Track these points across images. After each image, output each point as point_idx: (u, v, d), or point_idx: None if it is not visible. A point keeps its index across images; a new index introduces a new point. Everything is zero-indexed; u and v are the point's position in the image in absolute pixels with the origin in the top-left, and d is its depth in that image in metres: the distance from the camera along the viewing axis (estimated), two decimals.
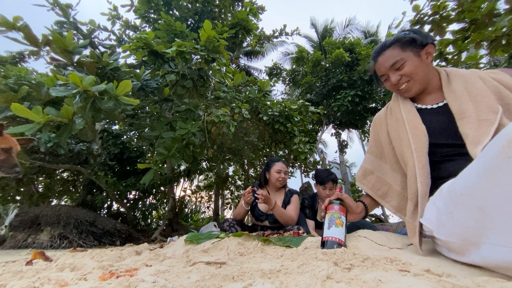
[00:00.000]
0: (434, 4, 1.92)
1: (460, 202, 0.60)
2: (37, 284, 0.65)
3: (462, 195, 0.59)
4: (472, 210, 0.56)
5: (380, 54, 0.95)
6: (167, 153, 2.40)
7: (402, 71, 0.90)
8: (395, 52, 0.90)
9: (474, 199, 0.55)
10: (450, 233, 0.65)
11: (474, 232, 0.57)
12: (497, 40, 1.80)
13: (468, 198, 0.57)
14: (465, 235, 0.60)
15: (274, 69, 10.23)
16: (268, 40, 7.16)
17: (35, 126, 1.60)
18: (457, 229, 0.62)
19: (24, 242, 3.06)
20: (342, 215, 0.93)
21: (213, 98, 3.21)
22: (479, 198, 0.54)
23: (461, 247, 0.62)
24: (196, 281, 0.66)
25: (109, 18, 4.33)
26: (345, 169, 9.07)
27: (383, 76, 0.97)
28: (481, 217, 0.54)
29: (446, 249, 0.70)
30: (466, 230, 0.59)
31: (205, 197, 7.95)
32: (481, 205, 0.53)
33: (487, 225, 0.53)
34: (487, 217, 0.53)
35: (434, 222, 0.71)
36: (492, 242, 0.53)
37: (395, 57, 0.90)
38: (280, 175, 2.00)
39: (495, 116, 0.74)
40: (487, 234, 0.54)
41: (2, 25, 1.95)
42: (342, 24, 11.92)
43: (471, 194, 0.56)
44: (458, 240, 0.62)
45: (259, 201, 1.68)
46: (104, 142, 4.71)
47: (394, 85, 0.93)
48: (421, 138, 0.82)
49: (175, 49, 2.34)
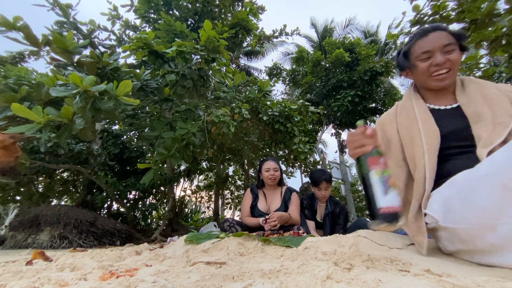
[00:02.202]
0: (434, 4, 1.92)
1: (482, 183, 0.61)
2: (37, 284, 0.65)
3: (487, 175, 0.60)
4: (496, 188, 0.57)
5: (434, 31, 0.89)
6: (167, 153, 2.40)
7: (450, 56, 0.85)
8: (450, 37, 0.87)
9: (501, 177, 0.57)
10: (461, 219, 0.65)
11: (493, 213, 0.58)
12: (497, 40, 1.80)
13: (494, 177, 0.58)
14: (481, 218, 0.60)
15: (274, 69, 10.23)
16: (268, 40, 7.15)
17: (35, 126, 1.60)
18: (472, 213, 0.62)
19: (24, 242, 3.06)
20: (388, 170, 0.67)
21: (213, 98, 3.21)
22: (506, 175, 0.55)
23: (472, 233, 0.63)
24: (196, 281, 0.66)
25: (109, 18, 4.32)
26: (345, 169, 9.07)
27: (426, 53, 0.88)
28: (504, 194, 0.55)
29: (450, 241, 0.70)
30: (484, 212, 0.60)
31: (205, 197, 7.95)
32: (507, 182, 0.55)
33: (510, 202, 0.55)
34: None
35: (441, 211, 0.72)
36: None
37: (449, 40, 0.86)
38: (270, 173, 2.04)
39: (510, 120, 0.75)
40: (509, 212, 0.55)
41: (2, 25, 1.95)
42: (342, 24, 11.92)
43: (497, 172, 0.58)
44: (469, 226, 0.63)
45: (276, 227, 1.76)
46: (104, 142, 4.70)
47: (436, 65, 0.87)
48: (434, 140, 0.82)
49: (175, 49, 2.34)
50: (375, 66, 7.67)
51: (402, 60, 0.98)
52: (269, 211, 1.99)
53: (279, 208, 1.99)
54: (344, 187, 9.02)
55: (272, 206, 2.04)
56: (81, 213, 3.50)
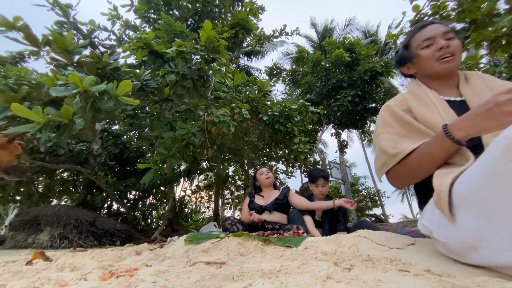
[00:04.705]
0: (434, 4, 1.92)
1: (462, 205, 0.59)
2: (37, 284, 0.65)
3: (465, 198, 0.58)
4: (474, 213, 0.56)
5: (432, 24, 0.91)
6: (167, 153, 2.40)
7: (451, 42, 0.86)
8: (449, 29, 0.89)
9: (477, 202, 0.55)
10: (449, 235, 0.65)
11: (474, 236, 0.57)
12: (497, 40, 1.80)
13: (472, 201, 0.56)
14: (464, 238, 0.60)
15: (274, 69, 10.24)
16: (268, 40, 7.15)
17: (35, 126, 1.60)
18: (458, 231, 0.61)
19: (24, 242, 3.06)
20: None
21: (213, 98, 3.21)
22: (482, 202, 0.54)
23: (460, 249, 0.63)
24: (196, 281, 0.66)
25: (109, 18, 4.33)
26: (345, 169, 9.07)
27: (427, 40, 0.90)
28: (483, 220, 0.54)
29: (446, 250, 0.70)
30: (466, 233, 0.59)
31: (205, 197, 7.95)
32: (483, 208, 0.53)
33: (489, 228, 0.53)
34: (489, 220, 0.53)
35: (434, 223, 0.71)
36: (492, 246, 0.53)
37: (447, 29, 0.88)
38: (264, 175, 2.25)
39: None
40: (487, 237, 0.54)
41: (2, 25, 1.95)
42: (342, 24, 11.93)
43: (474, 197, 0.56)
44: (457, 243, 0.62)
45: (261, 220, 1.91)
46: (104, 142, 4.71)
47: (440, 49, 0.87)
48: None
49: (175, 49, 2.34)
50: (375, 66, 7.67)
51: (403, 52, 0.97)
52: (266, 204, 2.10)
53: (278, 197, 2.10)
54: (344, 187, 9.01)
55: (270, 199, 2.14)
56: (81, 213, 3.50)
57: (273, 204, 2.06)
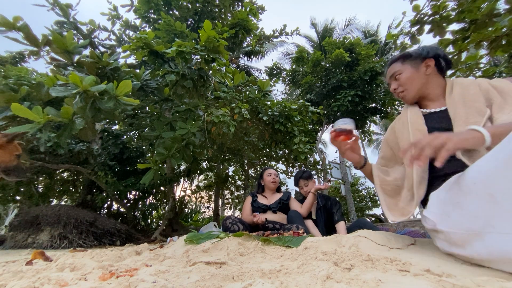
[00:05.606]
0: (434, 4, 1.92)
1: (471, 191, 0.62)
2: (37, 284, 0.65)
3: (475, 183, 0.61)
4: (482, 197, 0.58)
5: (388, 66, 1.11)
6: (167, 153, 2.40)
7: (398, 81, 1.04)
8: (397, 65, 1.05)
9: (487, 186, 0.57)
10: (454, 223, 0.67)
11: (480, 221, 0.58)
12: (497, 40, 1.80)
13: (481, 186, 0.59)
14: (470, 224, 0.61)
15: (274, 69, 10.24)
16: (268, 40, 7.14)
17: (35, 126, 1.60)
18: (463, 218, 0.64)
19: (24, 242, 3.06)
20: None
21: (213, 98, 3.20)
22: (492, 185, 0.56)
23: (463, 238, 0.64)
24: (196, 281, 0.66)
25: (109, 18, 4.32)
26: (345, 169, 9.07)
27: (389, 84, 1.13)
28: (490, 204, 0.56)
29: (447, 243, 0.71)
30: (473, 219, 0.60)
31: (205, 197, 7.95)
32: (493, 192, 0.55)
33: (495, 213, 0.55)
34: (497, 205, 0.55)
35: (438, 214, 0.74)
36: (497, 231, 0.55)
37: (394, 69, 1.06)
38: (271, 177, 2.25)
39: (481, 119, 0.80)
40: (493, 222, 0.56)
41: (2, 25, 1.95)
42: (342, 24, 11.92)
43: (484, 181, 0.58)
44: (461, 231, 0.64)
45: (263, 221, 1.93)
46: (104, 142, 4.71)
47: (393, 92, 1.09)
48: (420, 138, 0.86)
49: (175, 49, 2.34)
50: (375, 66, 7.67)
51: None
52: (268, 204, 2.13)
53: (280, 198, 2.14)
54: (344, 187, 9.01)
55: (272, 200, 2.18)
56: (81, 213, 3.50)
57: (277, 204, 2.09)
